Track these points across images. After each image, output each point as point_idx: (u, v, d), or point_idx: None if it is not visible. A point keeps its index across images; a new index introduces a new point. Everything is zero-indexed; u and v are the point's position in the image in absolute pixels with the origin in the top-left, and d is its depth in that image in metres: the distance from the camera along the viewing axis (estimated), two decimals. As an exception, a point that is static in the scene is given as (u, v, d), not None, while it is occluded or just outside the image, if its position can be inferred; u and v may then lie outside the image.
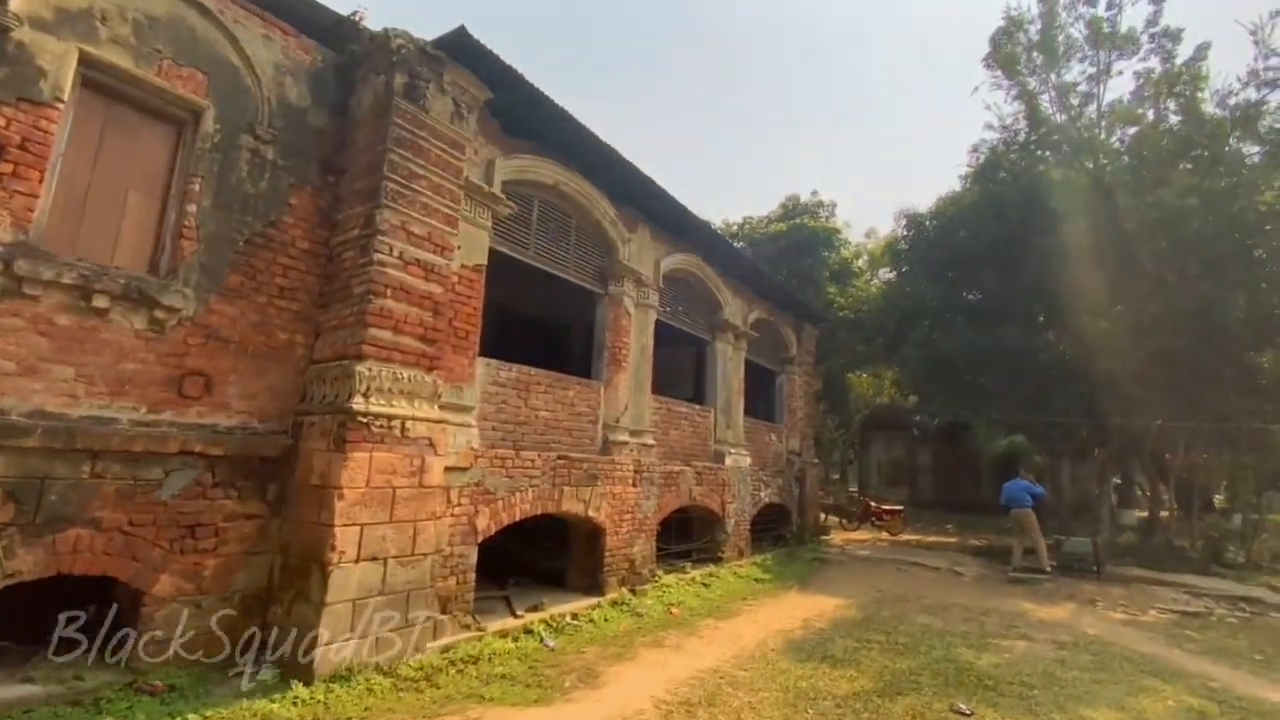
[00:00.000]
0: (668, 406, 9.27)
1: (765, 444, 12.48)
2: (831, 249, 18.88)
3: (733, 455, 10.69)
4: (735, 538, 10.51)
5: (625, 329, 8.18)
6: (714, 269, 10.48)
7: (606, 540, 7.43)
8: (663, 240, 9.16)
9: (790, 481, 13.16)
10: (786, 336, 13.63)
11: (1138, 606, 8.67)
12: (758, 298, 12.14)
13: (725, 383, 10.84)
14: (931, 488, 27.09)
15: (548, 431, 6.92)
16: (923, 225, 15.24)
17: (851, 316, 17.10)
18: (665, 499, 8.65)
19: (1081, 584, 10.19)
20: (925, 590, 9.26)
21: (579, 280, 7.77)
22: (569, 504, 6.89)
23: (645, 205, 8.55)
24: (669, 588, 8.09)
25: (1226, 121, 11.41)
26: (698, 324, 10.50)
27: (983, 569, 11.53)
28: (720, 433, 10.58)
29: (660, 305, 9.14)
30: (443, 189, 5.60)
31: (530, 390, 6.75)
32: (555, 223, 7.45)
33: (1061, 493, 15.58)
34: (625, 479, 7.80)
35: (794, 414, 13.82)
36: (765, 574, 9.93)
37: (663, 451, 9.01)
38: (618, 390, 7.95)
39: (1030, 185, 12.94)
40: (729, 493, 10.37)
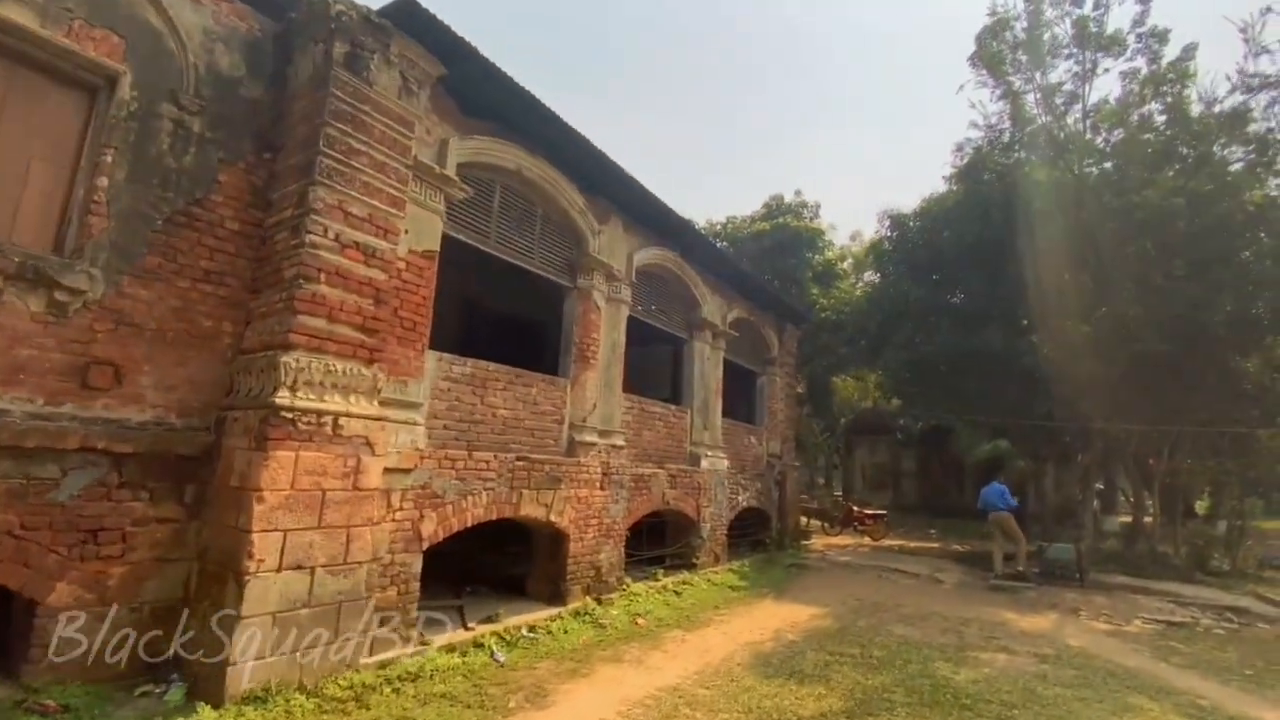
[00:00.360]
0: (640, 406, 8.91)
1: (744, 446, 12.15)
2: (815, 250, 18.63)
3: (709, 458, 10.35)
4: (711, 543, 10.16)
5: (595, 324, 7.82)
6: (691, 265, 10.14)
7: (570, 546, 7.04)
8: (636, 234, 8.81)
9: (770, 485, 12.84)
10: (768, 337, 13.32)
11: (1122, 616, 8.41)
12: (737, 296, 11.82)
13: (702, 383, 10.50)
14: (915, 492, 26.93)
15: (507, 431, 6.53)
16: (906, 226, 15.02)
17: (834, 318, 16.85)
18: (636, 503, 8.28)
19: (1064, 592, 9.94)
20: (904, 598, 8.96)
21: (545, 272, 7.40)
22: (529, 508, 6.50)
23: (617, 196, 8.20)
24: (638, 596, 7.72)
25: (1213, 122, 11.26)
26: (674, 322, 10.15)
27: (964, 575, 11.25)
28: (697, 434, 10.23)
29: (633, 301, 8.78)
30: (388, 168, 5.21)
31: (487, 387, 6.36)
32: (519, 210, 7.07)
33: (1045, 498, 15.39)
34: (592, 482, 7.43)
35: (775, 416, 13.51)
36: (741, 581, 9.58)
37: (634, 453, 8.65)
38: (585, 388, 7.57)
39: (1014, 185, 12.74)
40: (705, 496, 10.02)
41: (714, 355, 10.95)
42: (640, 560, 8.99)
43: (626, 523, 8.06)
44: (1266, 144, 11.15)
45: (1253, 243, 10.68)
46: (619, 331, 8.30)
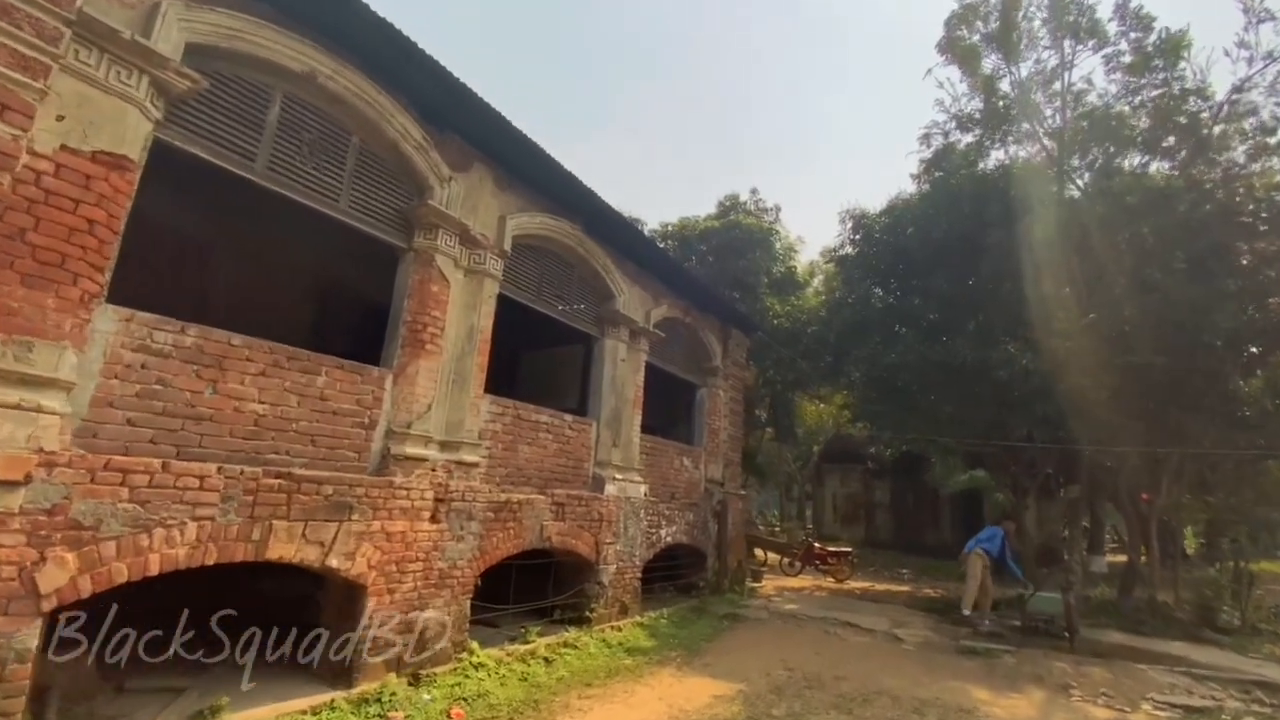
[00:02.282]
0: (515, 412, 6.95)
1: (673, 470, 10.18)
2: (768, 252, 16.85)
3: (619, 482, 8.37)
4: (617, 590, 8.11)
5: (438, 299, 5.89)
6: (601, 246, 8.30)
7: (368, 603, 4.99)
8: (516, 194, 6.98)
9: (707, 517, 10.85)
10: (708, 343, 11.48)
11: (1126, 697, 6.48)
12: (667, 291, 9.99)
13: (615, 389, 8.58)
14: (889, 527, 25.03)
15: (260, 435, 4.53)
16: (871, 228, 13.39)
17: (789, 326, 15.03)
18: (495, 540, 6.25)
19: (1051, 658, 7.99)
20: (850, 666, 6.96)
21: (361, 223, 5.48)
22: (287, 547, 4.46)
23: (481, 139, 6.38)
24: (480, 670, 5.64)
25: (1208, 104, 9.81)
26: (577, 312, 8.26)
27: (931, 631, 9.27)
28: (604, 452, 8.26)
29: (508, 277, 6.90)
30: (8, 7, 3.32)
31: (226, 369, 4.38)
32: (318, 134, 5.18)
33: (1026, 537, 13.52)
34: (415, 511, 5.41)
35: (716, 435, 11.59)
36: (648, 640, 7.53)
37: (504, 474, 6.67)
38: (416, 384, 5.60)
39: (986, 174, 11.17)
40: (609, 531, 8.00)
41: (632, 358, 9.05)
42: (503, 616, 6.93)
43: (477, 567, 6.02)
44: (1269, 129, 9.69)
45: (1257, 236, 9.11)
46: (481, 314, 6.38)
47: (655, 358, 9.87)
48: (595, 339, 8.64)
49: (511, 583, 6.89)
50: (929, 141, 12.37)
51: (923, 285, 12.03)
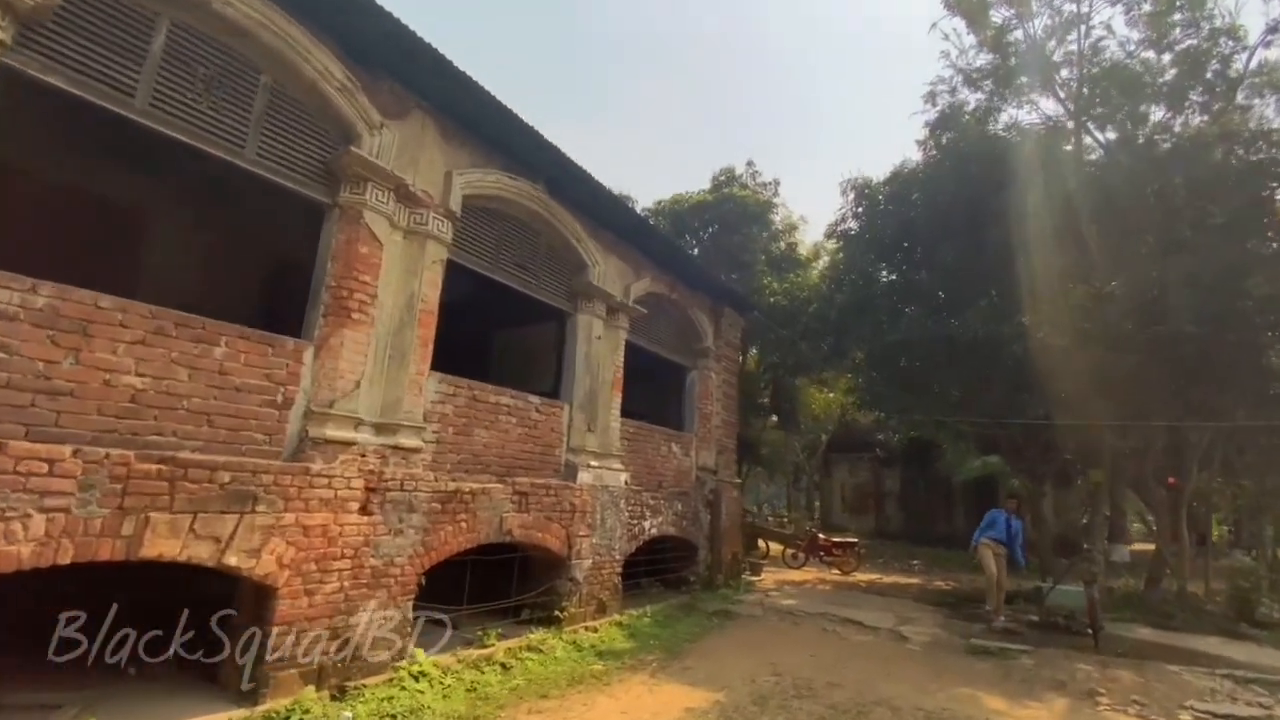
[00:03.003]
0: (470, 393, 6.26)
1: (659, 457, 9.48)
2: (766, 228, 15.93)
3: (595, 469, 7.68)
4: (593, 587, 7.43)
5: (368, 262, 5.20)
6: (569, 211, 7.59)
7: (279, 606, 4.33)
8: (467, 148, 6.27)
9: (697, 507, 10.13)
10: (698, 322, 10.74)
11: (1161, 705, 5.71)
12: (649, 264, 9.26)
13: (590, 369, 7.88)
14: (899, 517, 24.22)
15: (137, 414, 3.87)
16: (874, 198, 12.54)
17: (786, 305, 14.16)
18: (443, 534, 5.58)
19: (1073, 659, 7.21)
20: (846, 669, 6.24)
21: (269, 173, 4.80)
22: (170, 543, 3.81)
23: (420, 81, 5.67)
24: (421, 680, 4.98)
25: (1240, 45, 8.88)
26: (545, 285, 7.55)
27: (940, 629, 8.52)
28: (577, 438, 7.57)
29: (458, 241, 6.21)
30: None
31: (92, 335, 3.72)
32: (213, 68, 4.49)
33: (1044, 525, 12.69)
34: (338, 502, 4.74)
35: (708, 420, 10.86)
36: (625, 642, 6.86)
37: (457, 460, 6.00)
38: (339, 357, 4.92)
39: (997, 135, 10.31)
40: (583, 522, 7.32)
41: (610, 335, 8.34)
42: (486, 614, 6.29)
43: (420, 564, 5.35)
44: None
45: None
46: (422, 281, 5.68)
47: (638, 336, 9.16)
48: (568, 315, 7.94)
49: (466, 581, 6.21)
50: (934, 100, 11.48)
51: (929, 258, 11.21)
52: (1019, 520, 9.16)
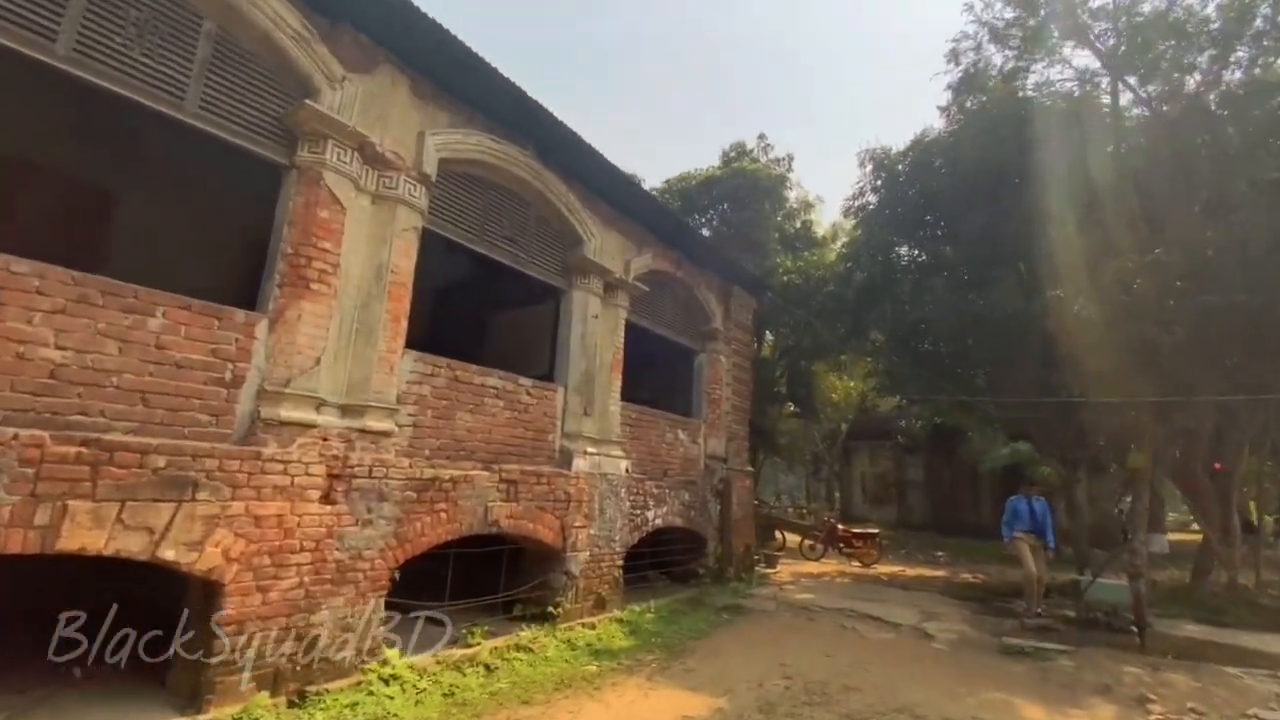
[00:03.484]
0: (452, 373, 5.81)
1: (665, 444, 8.97)
2: (778, 204, 15.16)
3: (593, 456, 7.20)
4: (590, 581, 6.96)
5: (329, 228, 4.75)
6: (562, 180, 7.08)
7: (226, 604, 3.92)
8: (444, 108, 5.78)
9: (706, 496, 9.61)
10: (706, 303, 10.18)
11: (1221, 713, 5.07)
12: (652, 239, 8.72)
13: (586, 350, 7.38)
14: (923, 507, 23.44)
15: (57, 390, 3.47)
16: (893, 169, 11.82)
17: (800, 284, 13.45)
18: (417, 525, 5.13)
19: (1118, 660, 6.57)
20: (865, 672, 5.69)
21: (213, 127, 4.35)
22: (93, 535, 3.40)
23: (387, 32, 5.19)
24: (392, 683, 4.56)
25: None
26: (537, 260, 7.06)
27: (967, 625, 7.91)
28: (574, 423, 7.09)
29: (436, 210, 5.74)
30: None
31: (2, 303, 3.32)
32: (146, 11, 4.05)
33: (1079, 514, 11.94)
34: (296, 490, 4.31)
35: (717, 405, 10.32)
36: (625, 640, 6.39)
37: (436, 445, 5.55)
38: (296, 332, 4.48)
39: (1026, 95, 9.54)
40: (578, 513, 6.85)
41: (608, 314, 7.84)
42: (477, 610, 5.87)
43: (394, 557, 4.92)
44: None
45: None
46: (393, 250, 5.21)
47: (640, 317, 8.65)
48: (562, 292, 7.45)
49: (449, 575, 5.78)
50: (957, 59, 10.68)
51: (953, 230, 10.49)
52: (1042, 502, 8.48)
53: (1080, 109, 9.45)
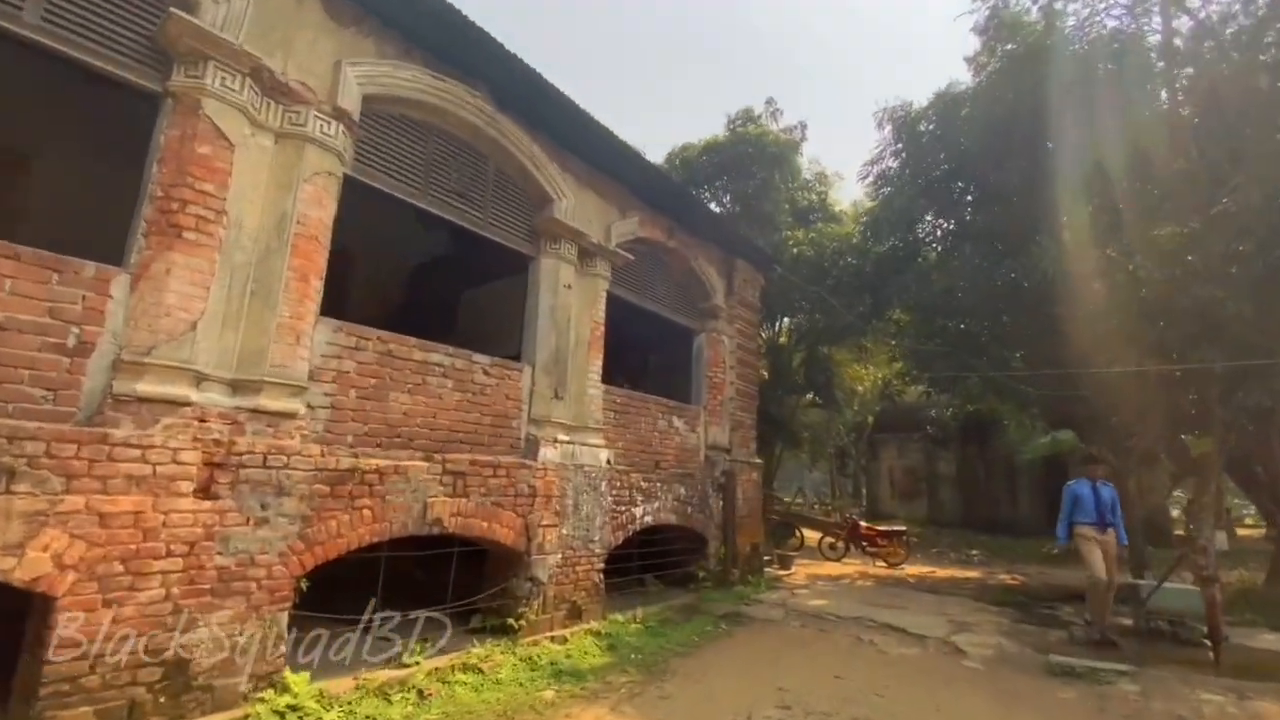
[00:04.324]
0: (382, 346, 4.98)
1: (656, 433, 8.05)
2: (789, 173, 13.90)
3: (565, 445, 6.32)
4: (563, 587, 6.08)
5: (211, 167, 3.94)
6: (525, 130, 6.22)
7: (60, 621, 3.14)
8: (370, 34, 4.95)
9: (706, 490, 8.66)
10: (706, 277, 9.22)
11: (1343, 760, 3.97)
12: (638, 202, 7.82)
13: (557, 324, 6.51)
14: (955, 503, 22.07)
15: None
16: (915, 128, 10.68)
17: (812, 256, 12.27)
18: (331, 525, 4.31)
19: (1191, 683, 5.45)
20: (880, 699, 4.71)
21: (70, 49, 3.57)
22: None
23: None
24: (291, 714, 3.74)
25: None
26: (496, 221, 6.21)
27: (1006, 637, 6.84)
28: (541, 407, 6.22)
29: (364, 156, 4.93)
30: None
31: None
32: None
33: (1130, 509, 10.66)
34: (159, 481, 3.51)
35: (719, 391, 9.36)
36: (599, 656, 5.51)
37: (363, 431, 4.74)
38: (165, 289, 3.68)
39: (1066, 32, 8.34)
40: (546, 509, 5.98)
41: (585, 285, 6.96)
42: (425, 619, 5.02)
43: (299, 564, 4.10)
44: None
45: None
46: (298, 197, 4.39)
47: (626, 290, 7.76)
48: (530, 259, 6.58)
49: (380, 579, 4.95)
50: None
51: (983, 192, 9.35)
52: (1109, 487, 7.18)
53: (1129, 47, 8.23)
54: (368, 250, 8.65)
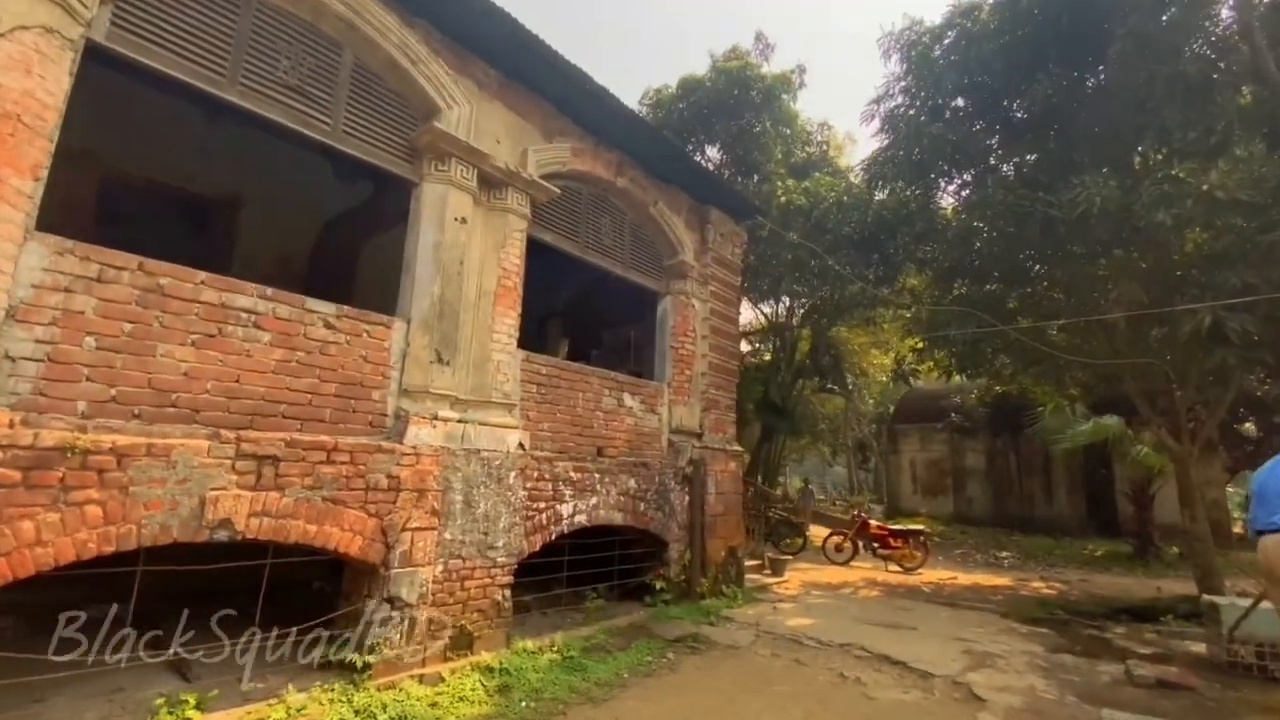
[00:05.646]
0: (146, 279, 3.56)
1: (600, 412, 6.55)
2: (780, 117, 11.85)
3: (451, 424, 4.87)
4: (444, 609, 4.63)
5: None
6: (396, 13, 4.77)
7: None
8: None
9: (667, 483, 7.13)
10: (670, 228, 7.68)
11: None
12: (574, 128, 6.34)
13: (443, 267, 5.04)
14: (984, 498, 20.16)
15: None
16: (928, 55, 8.92)
17: (805, 205, 10.43)
18: (23, 530, 2.92)
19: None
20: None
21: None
22: None
23: None
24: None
25: None
26: (358, 129, 4.76)
27: (1039, 673, 5.19)
28: (417, 374, 4.77)
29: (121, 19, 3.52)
30: None
31: None
32: None
33: (1193, 505, 8.81)
34: None
35: (687, 365, 7.82)
36: (479, 704, 4.08)
37: (108, 395, 3.36)
38: None
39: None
40: (418, 507, 4.53)
41: (492, 222, 5.50)
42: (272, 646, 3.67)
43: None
44: None
45: None
46: (-18, 53, 3.00)
47: (559, 236, 6.30)
48: (412, 185, 5.13)
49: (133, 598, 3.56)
50: None
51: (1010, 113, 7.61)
52: None
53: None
54: (269, 204, 7.33)
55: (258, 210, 7.33)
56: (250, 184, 7.19)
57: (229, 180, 7.08)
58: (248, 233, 7.29)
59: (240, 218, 7.27)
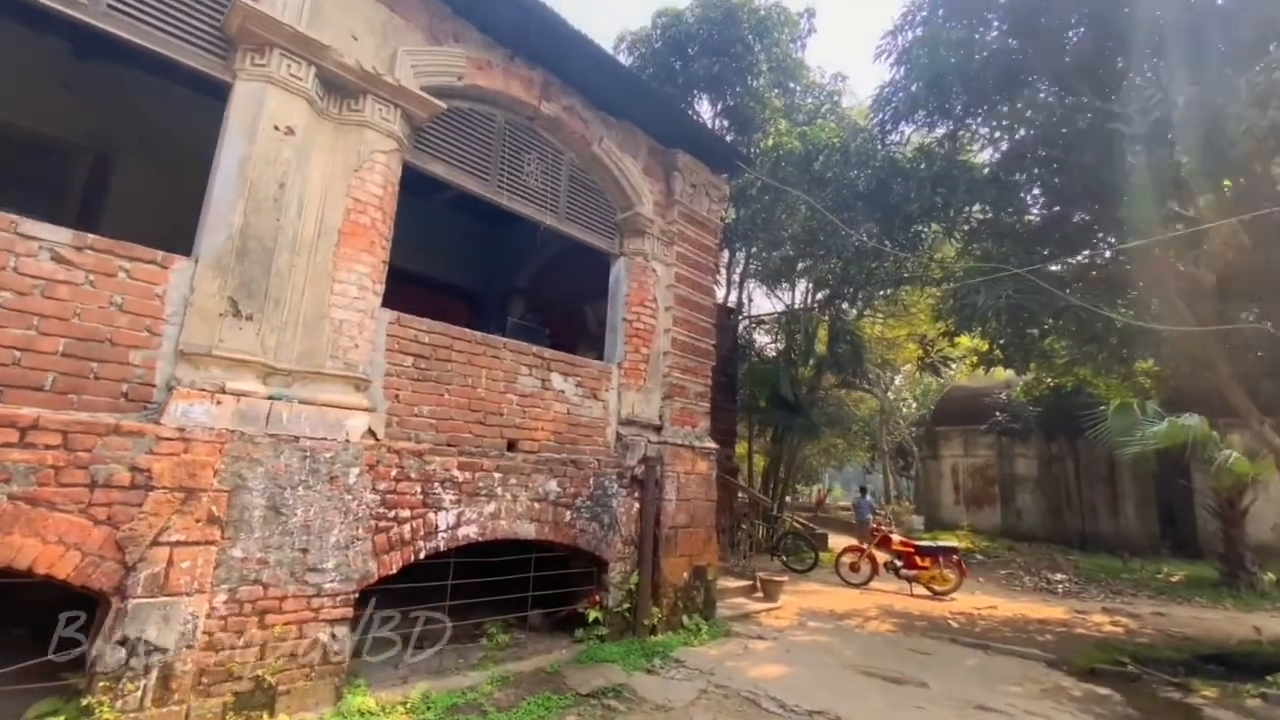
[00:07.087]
0: None
1: (515, 396, 5.16)
2: (774, 53, 9.89)
3: (252, 400, 3.58)
4: (221, 654, 3.32)
5: None
6: None
7: None
8: None
9: (606, 486, 5.67)
10: (623, 174, 6.27)
11: None
12: (473, 31, 5.02)
13: (253, 190, 3.74)
14: (1037, 511, 17.91)
15: None
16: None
17: (799, 149, 8.67)
18: None
19: None
20: None
21: None
22: None
23: None
24: None
25: None
26: (144, 12, 3.54)
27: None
28: (203, 329, 3.49)
29: None
30: None
31: None
32: None
33: None
34: None
35: (646, 341, 6.36)
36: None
37: None
38: None
39: None
40: (179, 513, 3.23)
41: (341, 140, 4.22)
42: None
43: None
44: None
45: None
46: None
47: (458, 169, 4.96)
48: (228, 87, 3.88)
49: None
50: None
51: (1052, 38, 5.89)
52: None
53: None
54: (146, 157, 6.24)
55: (132, 170, 6.24)
56: (128, 142, 6.11)
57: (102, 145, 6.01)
58: (116, 196, 6.20)
59: (110, 179, 6.19)
